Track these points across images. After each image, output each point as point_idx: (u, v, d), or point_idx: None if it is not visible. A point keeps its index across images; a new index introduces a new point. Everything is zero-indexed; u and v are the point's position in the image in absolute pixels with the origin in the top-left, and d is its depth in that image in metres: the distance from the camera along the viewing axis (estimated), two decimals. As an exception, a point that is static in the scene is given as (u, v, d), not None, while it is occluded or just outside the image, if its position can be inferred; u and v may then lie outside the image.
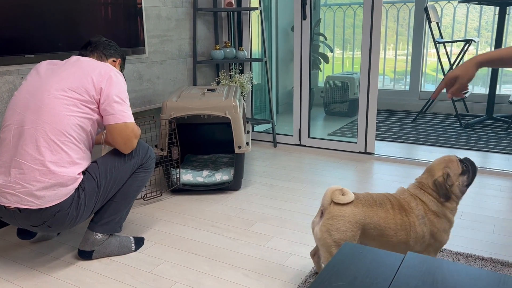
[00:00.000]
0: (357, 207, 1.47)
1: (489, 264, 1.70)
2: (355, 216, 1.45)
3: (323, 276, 0.95)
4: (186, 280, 1.66)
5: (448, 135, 3.61)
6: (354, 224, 1.45)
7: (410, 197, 1.53)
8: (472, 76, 1.38)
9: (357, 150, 3.17)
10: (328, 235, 1.45)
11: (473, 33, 4.65)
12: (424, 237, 1.49)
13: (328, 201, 1.49)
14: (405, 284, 0.90)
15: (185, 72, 3.21)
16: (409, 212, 1.49)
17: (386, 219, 1.47)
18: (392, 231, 1.47)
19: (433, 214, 1.50)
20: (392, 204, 1.50)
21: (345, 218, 1.45)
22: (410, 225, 1.47)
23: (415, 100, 4.71)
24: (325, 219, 1.47)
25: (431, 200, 1.51)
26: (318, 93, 4.94)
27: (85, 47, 1.89)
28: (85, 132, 1.66)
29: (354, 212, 1.46)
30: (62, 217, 1.60)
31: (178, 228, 2.10)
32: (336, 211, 1.46)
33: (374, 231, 1.47)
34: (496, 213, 2.17)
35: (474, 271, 0.94)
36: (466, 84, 1.39)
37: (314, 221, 1.54)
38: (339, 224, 1.44)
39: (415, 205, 1.50)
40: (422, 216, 1.49)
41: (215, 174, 2.54)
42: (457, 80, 1.40)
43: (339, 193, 1.49)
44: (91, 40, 1.90)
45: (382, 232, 1.47)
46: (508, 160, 2.95)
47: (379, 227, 1.47)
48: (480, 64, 1.37)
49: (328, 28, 5.11)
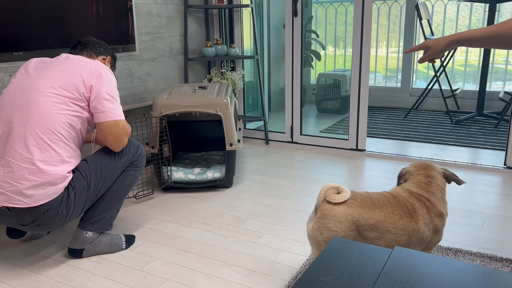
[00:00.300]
0: (351, 207, 1.40)
1: (478, 258, 1.72)
2: (347, 217, 1.39)
3: (311, 271, 0.95)
4: (177, 278, 1.66)
5: (439, 132, 3.63)
6: (346, 225, 1.39)
7: (414, 199, 1.45)
8: (440, 52, 1.42)
9: (349, 147, 3.18)
10: (319, 233, 1.41)
11: (464, 30, 4.68)
12: (427, 239, 1.44)
13: (321, 198, 1.44)
14: (392, 278, 0.91)
15: (176, 69, 3.20)
16: (416, 217, 1.42)
17: (385, 222, 1.40)
18: (392, 235, 1.40)
19: (438, 215, 1.45)
20: (393, 207, 1.43)
21: (336, 218, 1.39)
22: (414, 231, 1.41)
23: (407, 97, 4.73)
24: (317, 217, 1.43)
25: (439, 200, 1.47)
26: (310, 91, 4.95)
27: (74, 46, 1.88)
28: (75, 130, 1.65)
29: (346, 212, 1.40)
30: (52, 215, 1.60)
31: (170, 225, 2.10)
32: (328, 209, 1.41)
33: (371, 233, 1.40)
34: (485, 209, 2.20)
35: (460, 265, 0.95)
36: (433, 56, 1.44)
37: (310, 217, 1.50)
38: (329, 223, 1.40)
39: (421, 209, 1.44)
40: (428, 222, 1.44)
41: (207, 171, 2.54)
42: (428, 50, 1.45)
43: (334, 191, 1.44)
44: (81, 40, 1.89)
45: (380, 235, 1.40)
46: (497, 156, 2.97)
47: (376, 229, 1.39)
48: (451, 42, 1.40)
49: (320, 26, 5.12)
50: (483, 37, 1.33)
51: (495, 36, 1.31)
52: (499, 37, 1.31)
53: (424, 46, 1.46)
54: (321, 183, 2.58)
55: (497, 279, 0.89)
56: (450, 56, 4.08)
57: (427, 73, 4.91)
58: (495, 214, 2.13)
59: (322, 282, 0.91)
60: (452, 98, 4.36)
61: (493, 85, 4.57)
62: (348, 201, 1.42)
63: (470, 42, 1.37)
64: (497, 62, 4.58)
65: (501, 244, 1.84)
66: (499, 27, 1.30)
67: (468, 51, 4.73)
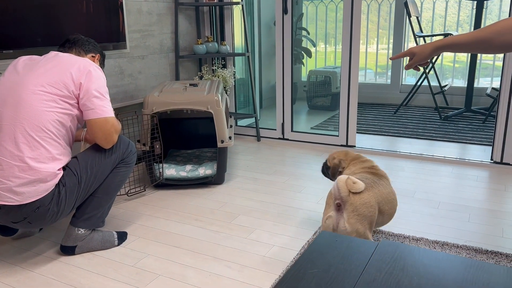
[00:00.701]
0: (371, 191, 1.59)
1: (464, 251, 1.76)
2: (374, 200, 1.58)
3: (299, 264, 0.98)
4: (170, 273, 1.68)
5: (428, 128, 3.68)
6: (375, 207, 1.57)
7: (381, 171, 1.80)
8: (426, 58, 1.44)
9: (339, 143, 3.21)
10: (360, 224, 1.53)
11: (453, 27, 4.73)
12: None
13: (346, 192, 1.53)
14: (377, 269, 0.93)
15: (167, 67, 3.21)
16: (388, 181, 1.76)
17: (390, 193, 1.68)
18: (394, 201, 1.70)
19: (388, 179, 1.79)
20: (381, 181, 1.70)
21: (368, 204, 1.55)
22: (394, 193, 1.73)
23: (397, 93, 4.78)
24: (349, 211, 1.52)
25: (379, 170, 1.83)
26: (301, 88, 4.97)
27: (63, 44, 1.88)
28: (65, 127, 1.66)
29: (371, 196, 1.57)
30: (43, 213, 1.60)
31: (161, 222, 2.11)
32: (357, 200, 1.54)
33: (385, 206, 1.64)
34: (472, 203, 2.24)
35: (443, 256, 0.98)
36: (419, 62, 1.46)
37: (331, 216, 1.56)
38: (364, 211, 1.53)
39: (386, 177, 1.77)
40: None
41: (199, 168, 2.55)
42: (414, 57, 1.46)
43: (352, 183, 1.54)
44: (69, 38, 1.89)
45: (389, 206, 1.66)
46: (485, 151, 3.02)
47: (387, 201, 1.65)
48: (436, 48, 1.41)
49: (310, 23, 5.14)
50: (468, 43, 1.35)
51: (479, 41, 1.33)
52: (483, 42, 1.33)
53: (410, 53, 1.47)
54: (311, 179, 2.61)
55: (479, 269, 0.93)
56: (439, 52, 4.12)
57: (417, 69, 4.95)
58: (481, 208, 2.17)
59: (310, 274, 0.93)
60: (441, 94, 4.41)
61: (481, 81, 4.63)
62: (366, 187, 1.59)
63: (455, 48, 1.39)
64: (485, 58, 4.64)
65: (486, 237, 1.88)
66: (483, 32, 1.32)
67: (456, 48, 4.78)
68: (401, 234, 1.89)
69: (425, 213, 2.13)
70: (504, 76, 2.63)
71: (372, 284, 0.88)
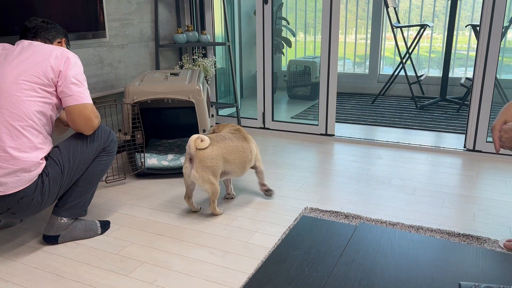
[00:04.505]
0: (214, 146, 1.97)
1: (437, 234, 1.84)
2: (216, 152, 1.97)
3: (282, 247, 1.02)
4: (153, 260, 1.70)
5: (404, 117, 3.77)
6: (218, 158, 1.97)
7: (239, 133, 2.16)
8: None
9: (319, 132, 3.27)
10: (204, 173, 1.94)
11: (430, 18, 4.82)
12: (255, 153, 2.17)
13: (193, 149, 1.93)
14: (356, 251, 0.98)
15: (147, 56, 3.19)
16: (248, 141, 2.13)
17: (238, 146, 2.06)
18: (243, 153, 2.07)
19: (251, 141, 2.17)
20: (236, 137, 2.09)
21: (210, 156, 1.95)
22: (251, 148, 2.12)
23: (374, 83, 4.86)
24: (196, 163, 1.94)
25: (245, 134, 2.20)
26: (281, 77, 5.01)
27: (24, 34, 1.80)
28: (46, 117, 1.65)
29: (214, 150, 1.97)
30: (27, 203, 1.60)
31: (144, 211, 2.13)
32: (202, 154, 1.94)
33: (232, 156, 2.02)
34: (446, 188, 2.33)
35: (417, 238, 1.04)
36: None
37: (187, 167, 1.98)
38: (207, 162, 1.94)
39: (246, 137, 2.14)
40: (251, 143, 2.15)
41: (180, 157, 2.57)
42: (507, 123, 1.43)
43: (199, 141, 1.93)
44: (28, 26, 1.80)
45: (237, 156, 2.04)
46: (459, 139, 3.13)
47: (234, 152, 2.03)
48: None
49: (290, 12, 5.16)
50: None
51: None
52: None
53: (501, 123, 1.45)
54: (292, 168, 2.66)
55: (449, 248, 0.99)
56: (415, 42, 4.21)
57: (394, 59, 5.05)
58: (454, 194, 2.27)
59: (292, 256, 0.98)
60: (417, 84, 4.52)
61: (456, 71, 4.75)
62: (210, 143, 1.97)
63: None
64: (459, 48, 4.76)
65: (459, 221, 1.97)
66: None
67: (432, 38, 4.89)
68: (378, 219, 1.96)
69: (402, 199, 2.20)
70: (477, 66, 2.72)
71: (351, 264, 0.93)
